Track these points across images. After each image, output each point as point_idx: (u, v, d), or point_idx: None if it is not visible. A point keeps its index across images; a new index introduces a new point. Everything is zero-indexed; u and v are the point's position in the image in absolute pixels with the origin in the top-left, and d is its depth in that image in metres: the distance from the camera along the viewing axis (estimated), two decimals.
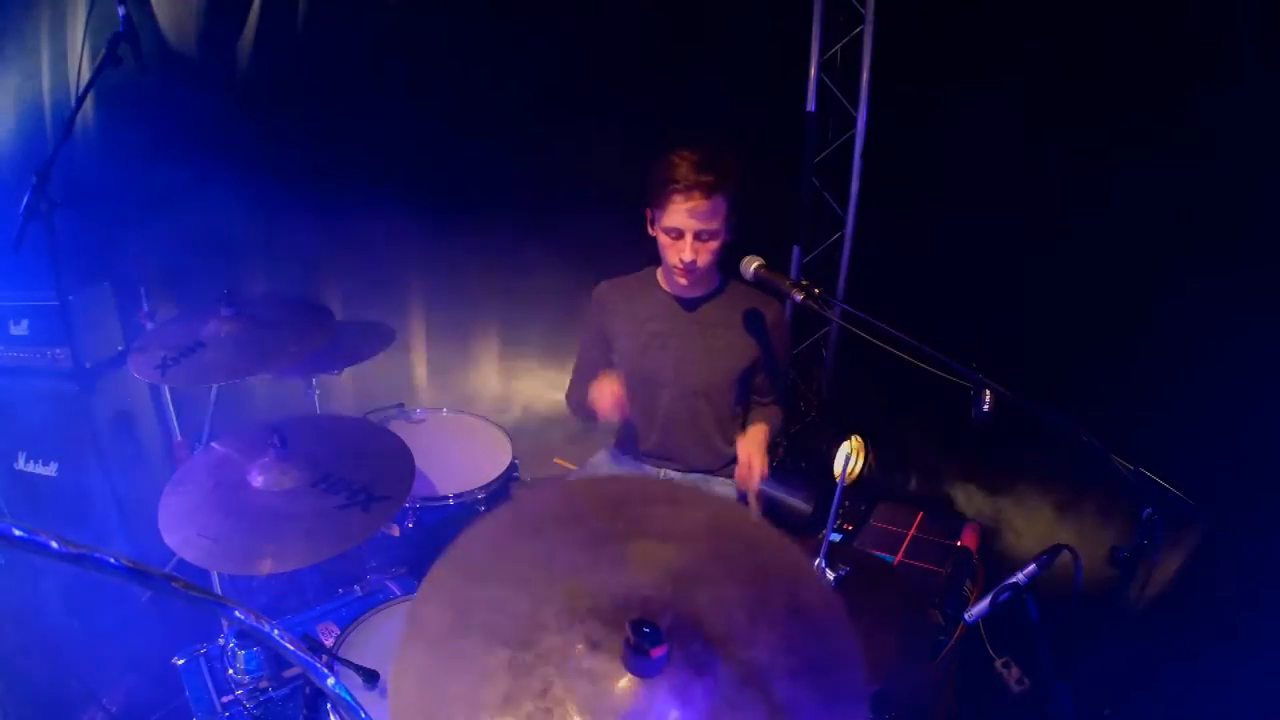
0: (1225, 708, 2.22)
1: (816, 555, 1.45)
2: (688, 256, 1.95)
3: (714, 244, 1.96)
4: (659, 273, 2.18)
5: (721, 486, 2.22)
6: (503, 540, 1.01)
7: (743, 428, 2.14)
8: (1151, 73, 2.37)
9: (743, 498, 2.10)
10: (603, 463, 2.34)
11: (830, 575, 1.45)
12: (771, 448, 2.06)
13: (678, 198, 1.89)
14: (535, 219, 3.35)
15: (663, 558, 1.01)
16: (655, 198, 1.94)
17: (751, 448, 1.98)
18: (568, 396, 2.35)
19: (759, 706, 0.90)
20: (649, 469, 2.27)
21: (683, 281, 2.06)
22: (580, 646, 0.88)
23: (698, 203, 1.88)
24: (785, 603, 1.06)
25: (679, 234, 1.94)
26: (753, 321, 2.12)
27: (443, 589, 0.93)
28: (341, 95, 2.97)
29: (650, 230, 2.05)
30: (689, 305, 2.12)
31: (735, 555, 1.07)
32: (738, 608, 0.99)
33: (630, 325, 2.16)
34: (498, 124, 3.13)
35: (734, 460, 2.23)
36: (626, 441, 2.32)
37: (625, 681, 0.86)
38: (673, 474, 2.23)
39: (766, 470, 1.95)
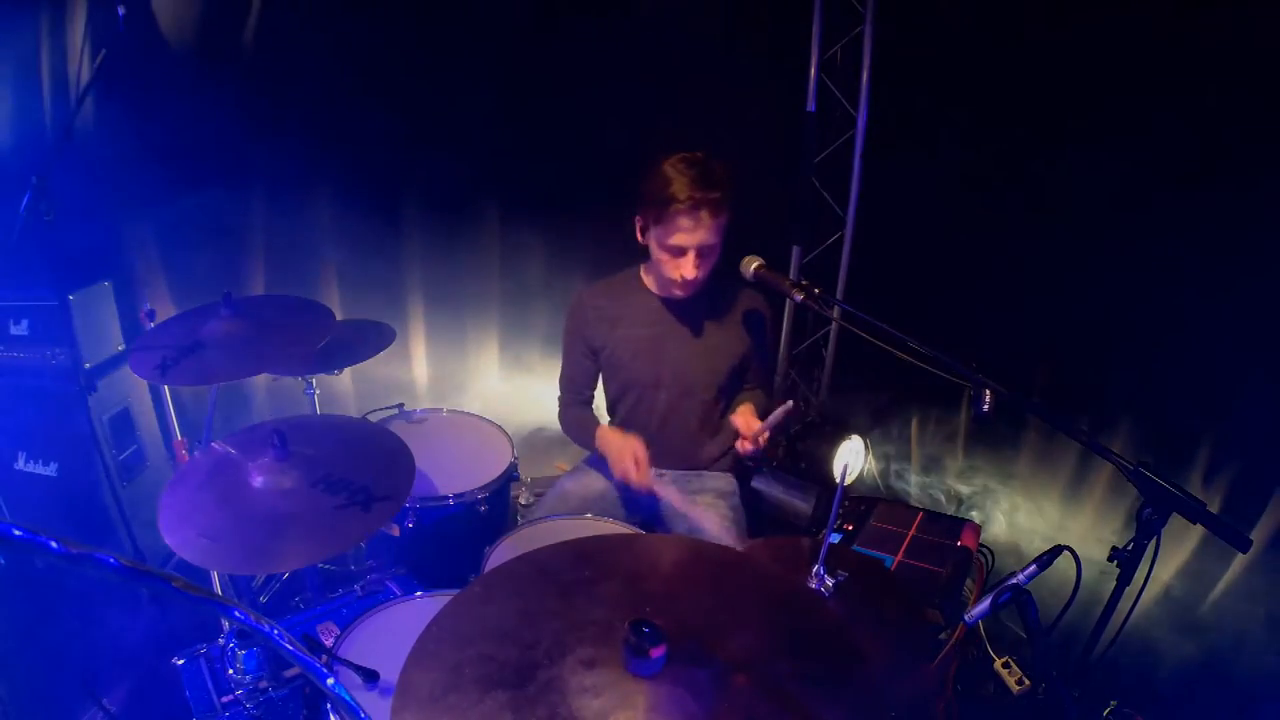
0: (1223, 704, 2.22)
1: (816, 556, 1.45)
2: (690, 274, 1.91)
3: (714, 257, 1.94)
4: (643, 274, 2.14)
5: (713, 480, 2.22)
6: (479, 607, 1.07)
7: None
8: (1155, 70, 2.37)
9: (740, 476, 2.13)
10: (595, 463, 2.30)
11: (830, 579, 1.45)
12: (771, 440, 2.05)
13: (684, 220, 1.83)
14: (536, 218, 3.36)
15: (635, 589, 1.07)
16: (655, 214, 1.88)
17: (742, 417, 1.98)
18: (560, 417, 2.28)
19: (764, 692, 0.94)
20: None
21: (681, 294, 2.03)
22: (578, 669, 0.91)
23: (705, 222, 1.83)
24: (768, 602, 1.10)
25: (681, 252, 1.89)
26: (742, 316, 2.11)
27: (428, 657, 0.96)
28: (343, 94, 2.98)
29: (641, 239, 2.01)
30: (678, 306, 2.09)
31: (705, 576, 1.14)
32: (719, 611, 1.04)
33: (619, 331, 2.12)
34: (498, 123, 3.14)
35: (721, 456, 2.25)
36: None
37: (632, 686, 0.89)
38: (664, 472, 2.21)
39: (761, 425, 1.92)
